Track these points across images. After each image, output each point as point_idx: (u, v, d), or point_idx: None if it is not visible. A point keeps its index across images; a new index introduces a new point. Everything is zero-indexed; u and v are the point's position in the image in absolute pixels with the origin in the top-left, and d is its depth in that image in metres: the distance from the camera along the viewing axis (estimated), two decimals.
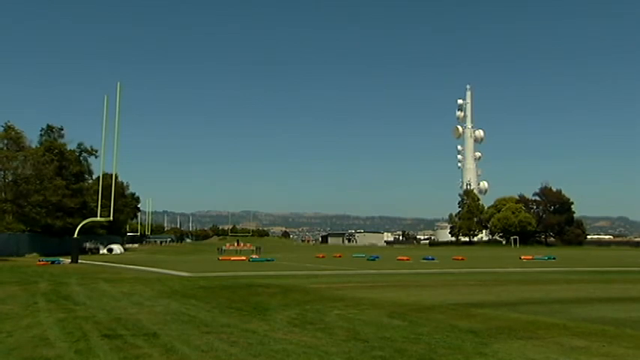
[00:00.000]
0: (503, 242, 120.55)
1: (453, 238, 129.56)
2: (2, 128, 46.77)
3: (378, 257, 47.14)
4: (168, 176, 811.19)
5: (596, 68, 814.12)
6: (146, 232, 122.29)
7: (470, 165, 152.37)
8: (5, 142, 46.42)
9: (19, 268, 29.67)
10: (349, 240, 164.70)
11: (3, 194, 46.49)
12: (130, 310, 12.00)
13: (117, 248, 58.12)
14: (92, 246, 54.13)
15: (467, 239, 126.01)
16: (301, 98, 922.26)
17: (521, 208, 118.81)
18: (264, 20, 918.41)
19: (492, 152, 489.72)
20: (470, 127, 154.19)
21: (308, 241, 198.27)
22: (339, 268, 30.83)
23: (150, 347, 7.91)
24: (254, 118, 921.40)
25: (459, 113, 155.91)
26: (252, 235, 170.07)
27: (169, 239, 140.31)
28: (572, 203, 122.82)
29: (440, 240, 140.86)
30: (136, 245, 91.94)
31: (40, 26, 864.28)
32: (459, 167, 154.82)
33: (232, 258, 43.43)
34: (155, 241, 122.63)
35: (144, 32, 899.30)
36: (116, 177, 45.03)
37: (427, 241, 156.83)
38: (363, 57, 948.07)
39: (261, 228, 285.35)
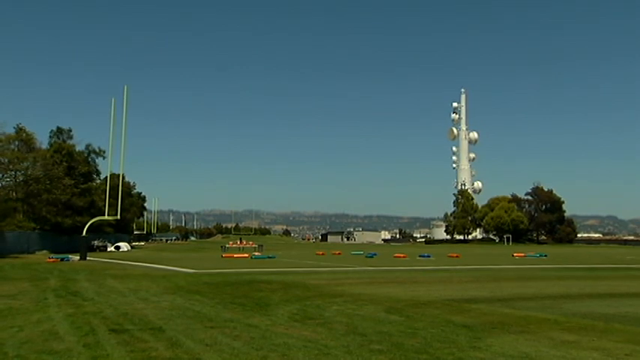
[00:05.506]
0: (497, 240, 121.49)
1: (448, 236, 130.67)
2: (14, 130, 47.27)
3: (375, 254, 47.18)
4: (173, 176, 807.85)
5: (587, 71, 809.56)
6: (152, 231, 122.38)
7: (464, 166, 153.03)
8: (16, 143, 46.88)
9: (29, 265, 30.00)
10: (348, 238, 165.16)
11: (14, 194, 47.03)
12: (137, 306, 12.26)
13: (124, 246, 58.33)
14: (100, 244, 54.30)
15: (461, 237, 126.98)
16: (301, 101, 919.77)
17: (513, 207, 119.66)
18: (263, 24, 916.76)
19: (486, 153, 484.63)
20: (464, 129, 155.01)
21: (308, 239, 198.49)
22: (338, 265, 31.07)
23: (156, 341, 8.15)
24: (256, 120, 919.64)
25: (453, 116, 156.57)
26: (254, 234, 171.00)
27: (175, 237, 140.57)
28: (563, 202, 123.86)
29: (435, 238, 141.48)
30: (143, 243, 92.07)
31: (48, 29, 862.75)
32: (454, 168, 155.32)
33: (235, 255, 43.65)
34: (161, 239, 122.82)
35: (148, 37, 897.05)
36: (123, 177, 45.30)
37: (423, 239, 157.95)
38: (361, 60, 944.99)
39: (262, 226, 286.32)
